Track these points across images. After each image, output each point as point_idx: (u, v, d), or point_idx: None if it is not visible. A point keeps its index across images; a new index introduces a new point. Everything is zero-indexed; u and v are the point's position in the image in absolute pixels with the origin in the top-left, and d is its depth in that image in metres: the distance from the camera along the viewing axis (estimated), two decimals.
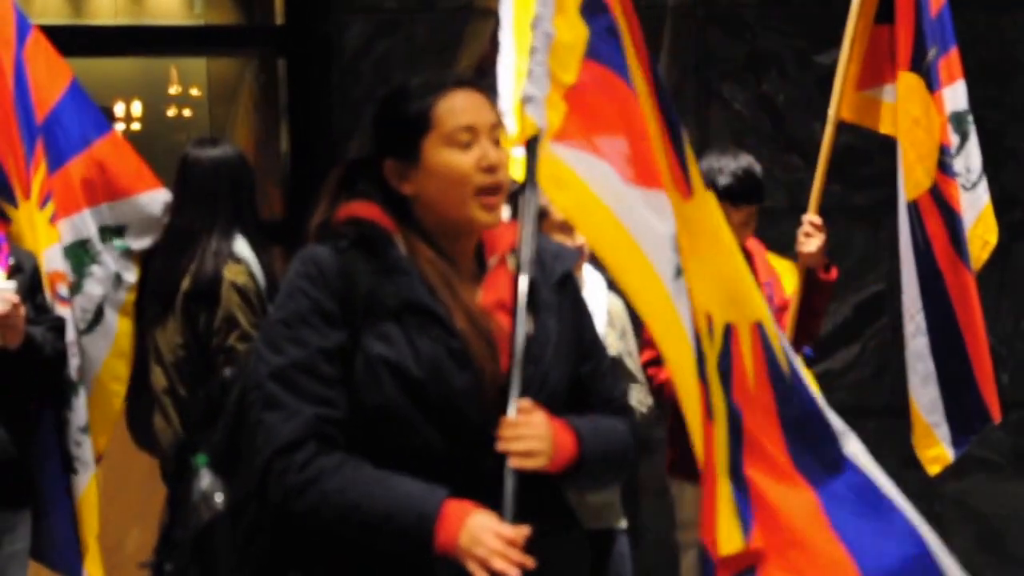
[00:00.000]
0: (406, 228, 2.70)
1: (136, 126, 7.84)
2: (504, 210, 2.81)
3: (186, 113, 8.11)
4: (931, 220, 4.57)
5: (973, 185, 4.81)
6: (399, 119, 2.72)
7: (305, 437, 2.58)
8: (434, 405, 2.60)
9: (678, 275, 2.68)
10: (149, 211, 4.78)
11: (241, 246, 4.60)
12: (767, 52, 6.15)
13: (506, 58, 3.96)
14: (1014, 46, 6.36)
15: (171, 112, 8.11)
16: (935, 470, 4.78)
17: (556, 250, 2.83)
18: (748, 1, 6.15)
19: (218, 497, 2.72)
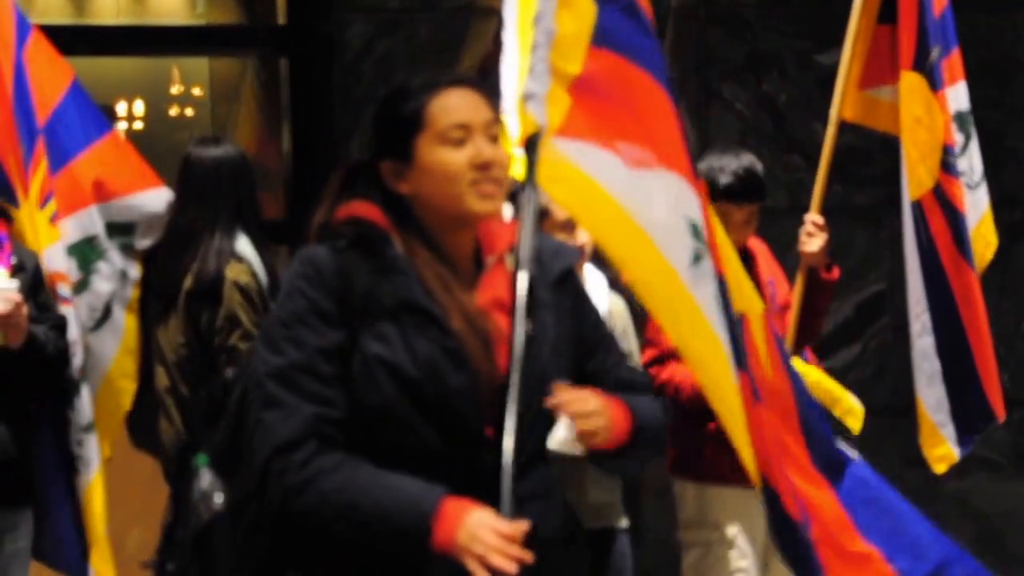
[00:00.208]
0: (404, 228, 2.70)
1: (138, 125, 7.84)
2: (505, 209, 2.81)
3: (188, 112, 8.10)
4: (934, 219, 4.56)
5: (976, 185, 4.81)
6: (394, 119, 2.72)
7: (304, 436, 2.58)
8: (431, 405, 2.61)
9: (697, 261, 2.66)
10: (152, 209, 4.78)
11: (243, 245, 4.60)
12: (768, 52, 6.15)
13: (509, 57, 3.95)
14: (1014, 46, 6.36)
15: (173, 111, 8.10)
16: (941, 469, 4.79)
17: (555, 248, 2.82)
18: (749, 1, 6.15)
19: (218, 497, 2.72)
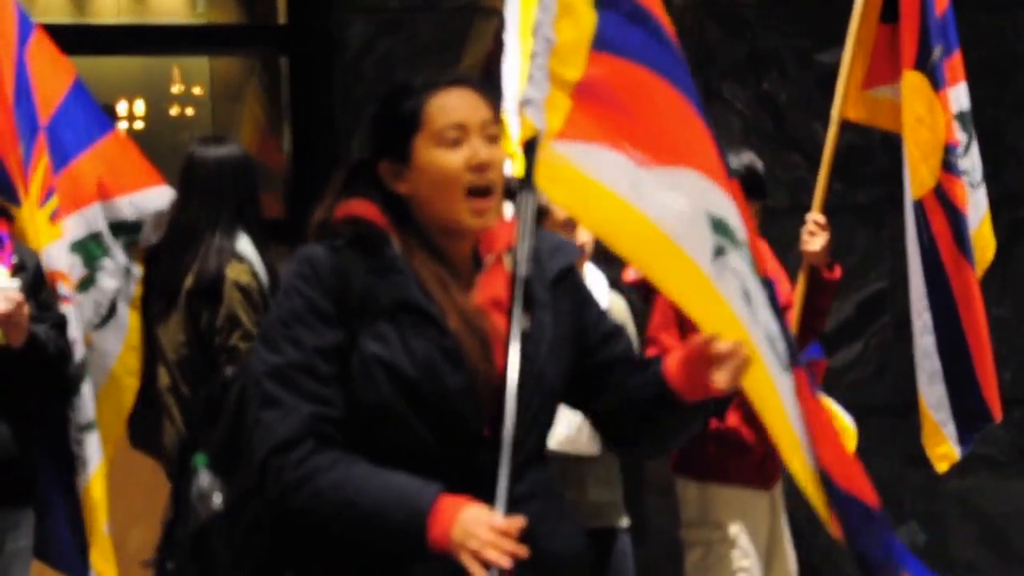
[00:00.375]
0: (403, 228, 2.70)
1: (139, 125, 7.82)
2: (506, 207, 2.81)
3: (189, 112, 8.08)
4: (936, 219, 4.57)
5: (978, 184, 4.82)
6: (392, 119, 2.71)
7: (302, 435, 2.58)
8: (429, 404, 2.61)
9: (719, 254, 2.68)
10: (155, 208, 4.79)
11: (244, 245, 4.60)
12: (768, 51, 6.15)
13: (511, 58, 3.96)
14: (1015, 45, 6.36)
15: (174, 111, 8.08)
16: (943, 468, 4.80)
17: (554, 245, 2.81)
18: (748, 0, 6.15)
19: (216, 496, 2.73)
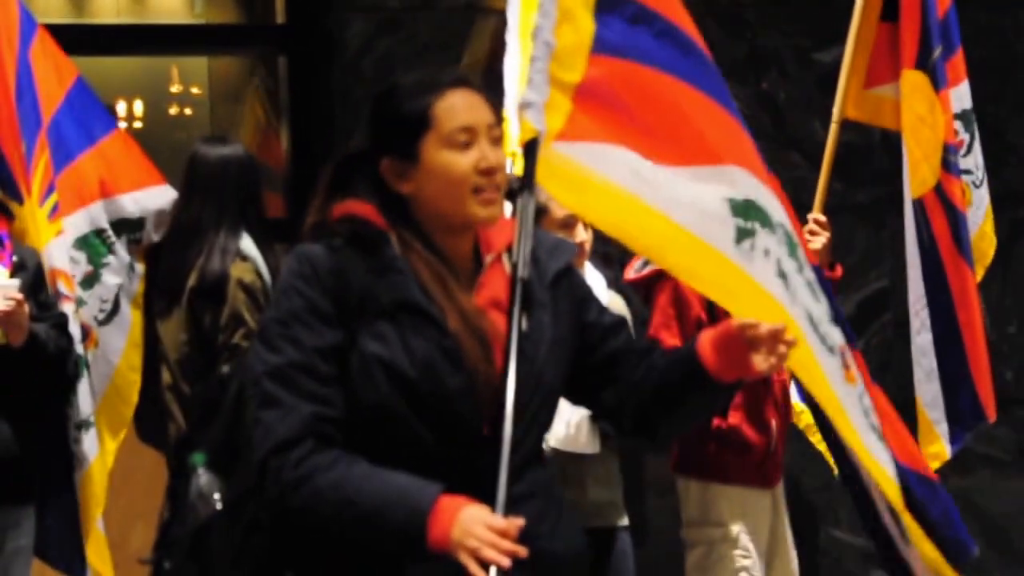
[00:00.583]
0: (401, 226, 2.70)
1: (138, 125, 7.82)
2: (505, 207, 2.81)
3: (187, 112, 8.09)
4: (936, 218, 4.57)
5: (981, 182, 4.82)
6: (397, 118, 2.71)
7: (302, 435, 2.58)
8: (429, 405, 2.61)
9: (745, 237, 2.71)
10: (157, 206, 4.80)
11: (247, 244, 4.61)
12: (767, 50, 6.14)
13: (512, 59, 3.96)
14: (1014, 44, 6.36)
15: (172, 111, 8.09)
16: (934, 466, 4.79)
17: (552, 245, 2.82)
18: (748, 0, 6.15)
19: (216, 496, 2.72)
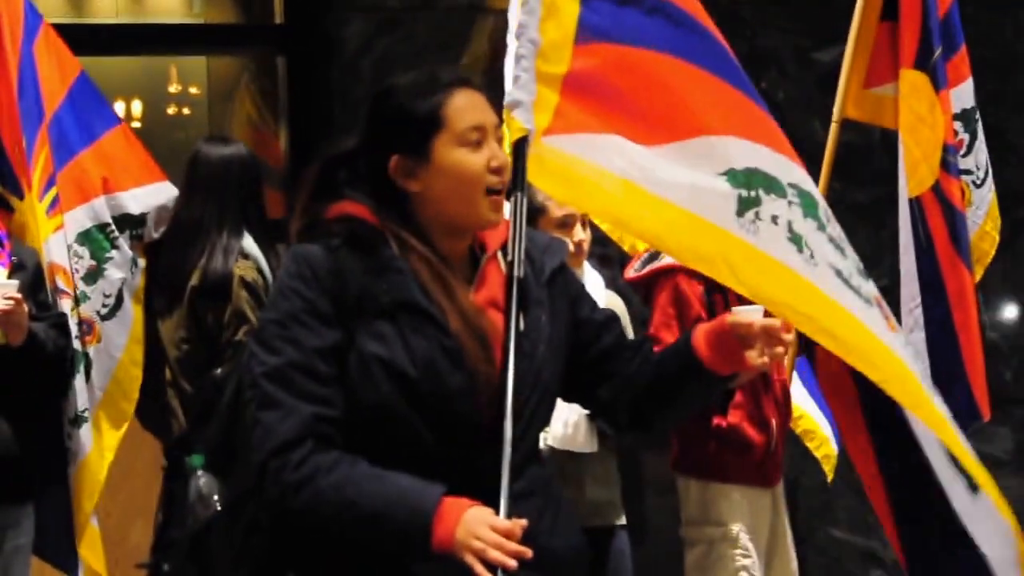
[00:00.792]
0: (398, 225, 2.70)
1: (136, 124, 7.84)
2: (504, 206, 2.81)
3: (186, 112, 8.11)
4: (933, 217, 4.56)
5: (982, 182, 4.81)
6: (406, 117, 2.70)
7: (302, 436, 2.57)
8: (429, 404, 2.60)
9: (748, 207, 2.71)
10: (158, 202, 4.81)
11: (249, 243, 4.62)
12: (766, 50, 6.15)
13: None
14: (1014, 44, 6.36)
15: (171, 111, 8.11)
16: None
17: (545, 244, 2.84)
18: None
19: (215, 498, 2.73)
